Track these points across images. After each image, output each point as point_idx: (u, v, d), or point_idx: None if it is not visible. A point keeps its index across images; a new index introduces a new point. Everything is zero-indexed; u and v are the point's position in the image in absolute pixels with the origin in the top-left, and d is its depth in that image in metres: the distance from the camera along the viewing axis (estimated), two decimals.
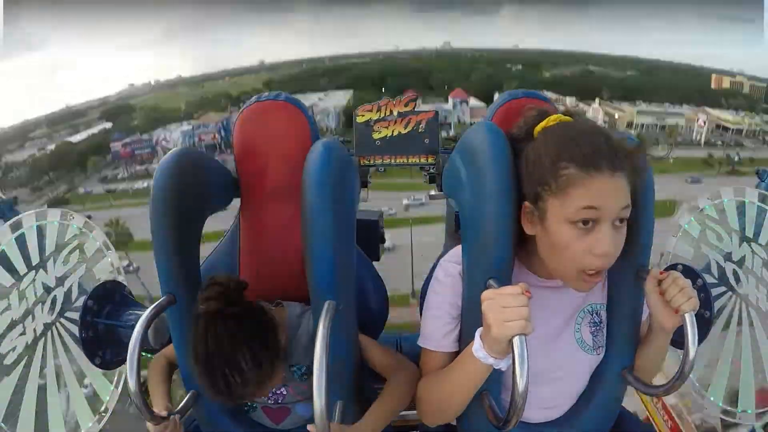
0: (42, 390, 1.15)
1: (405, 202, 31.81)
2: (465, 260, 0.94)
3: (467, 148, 0.95)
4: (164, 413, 0.95)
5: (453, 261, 0.97)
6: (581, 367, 1.01)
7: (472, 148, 0.92)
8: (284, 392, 1.11)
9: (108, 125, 53.46)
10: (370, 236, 1.56)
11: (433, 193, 1.42)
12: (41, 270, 1.17)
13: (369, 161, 1.29)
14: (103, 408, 1.22)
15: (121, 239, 28.00)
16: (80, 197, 41.26)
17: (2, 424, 1.08)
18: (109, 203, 37.49)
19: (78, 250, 1.25)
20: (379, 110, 1.29)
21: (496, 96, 1.36)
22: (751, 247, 1.24)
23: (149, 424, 0.94)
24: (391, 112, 1.28)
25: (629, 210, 0.82)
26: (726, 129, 46.79)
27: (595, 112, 47.55)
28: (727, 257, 1.26)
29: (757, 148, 42.30)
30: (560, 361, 0.97)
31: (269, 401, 1.12)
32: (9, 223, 1.13)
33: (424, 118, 1.29)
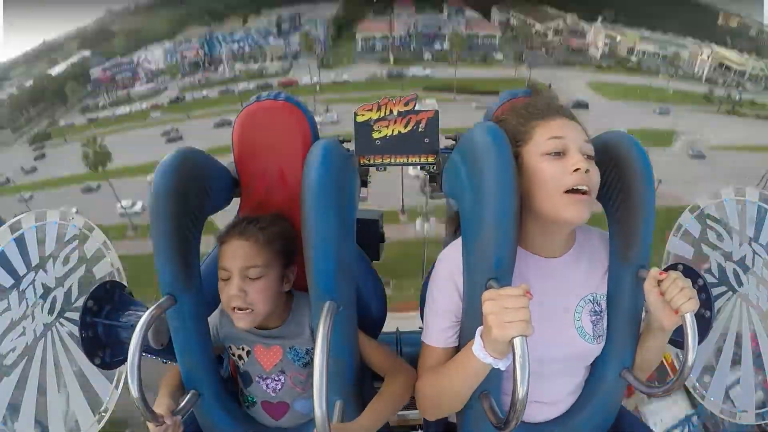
0: (42, 390, 1.14)
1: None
2: (465, 260, 0.94)
3: (468, 148, 0.95)
4: (165, 413, 0.95)
5: (453, 254, 0.97)
6: (581, 357, 1.01)
7: (473, 148, 0.92)
8: (282, 380, 1.11)
9: (86, 53, 49.69)
10: (370, 236, 1.56)
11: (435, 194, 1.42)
12: (41, 270, 1.17)
13: (369, 161, 1.29)
14: (103, 408, 1.22)
15: (99, 159, 26.85)
16: (61, 130, 39.12)
17: (2, 424, 1.08)
18: (92, 133, 34.22)
19: (77, 250, 1.25)
20: (379, 109, 1.28)
21: (494, 11, 1.35)
22: (752, 247, 1.24)
23: (150, 424, 0.94)
24: (391, 111, 1.28)
25: (592, 149, 0.95)
26: (729, 69, 43.49)
27: (596, 32, 45.38)
28: (728, 257, 1.26)
29: (759, 92, 39.05)
30: (560, 350, 0.98)
31: (268, 389, 1.12)
32: (8, 223, 1.13)
33: (424, 117, 1.28)
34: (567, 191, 0.89)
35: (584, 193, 0.89)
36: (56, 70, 48.03)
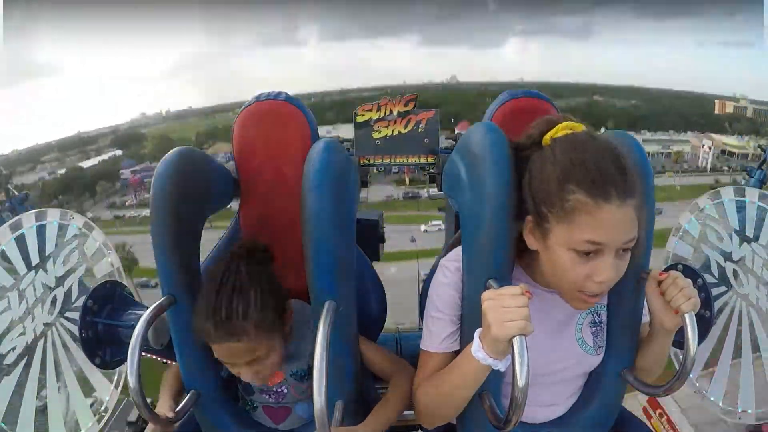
0: (42, 390, 1.14)
1: (423, 227, 32.16)
2: (464, 260, 0.94)
3: (467, 148, 0.94)
4: (166, 413, 0.95)
5: (453, 261, 0.97)
6: (582, 368, 1.01)
7: (472, 148, 0.92)
8: (285, 390, 1.11)
9: (118, 152, 53.56)
10: (370, 236, 1.56)
11: (432, 191, 1.41)
12: (41, 270, 1.17)
13: (369, 161, 1.29)
14: (103, 408, 1.22)
15: (125, 264, 27.58)
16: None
17: (2, 424, 1.08)
18: (116, 229, 35.96)
19: (78, 250, 1.25)
20: (379, 109, 1.28)
21: None
22: (751, 247, 1.24)
23: (149, 424, 0.94)
24: (391, 111, 1.28)
25: (634, 241, 0.80)
26: (731, 154, 45.30)
27: None
28: (727, 257, 1.26)
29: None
30: (561, 362, 0.98)
31: (270, 399, 1.12)
32: (9, 223, 1.13)
33: (424, 117, 1.28)
34: (581, 290, 0.83)
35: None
36: (87, 164, 51.45)
